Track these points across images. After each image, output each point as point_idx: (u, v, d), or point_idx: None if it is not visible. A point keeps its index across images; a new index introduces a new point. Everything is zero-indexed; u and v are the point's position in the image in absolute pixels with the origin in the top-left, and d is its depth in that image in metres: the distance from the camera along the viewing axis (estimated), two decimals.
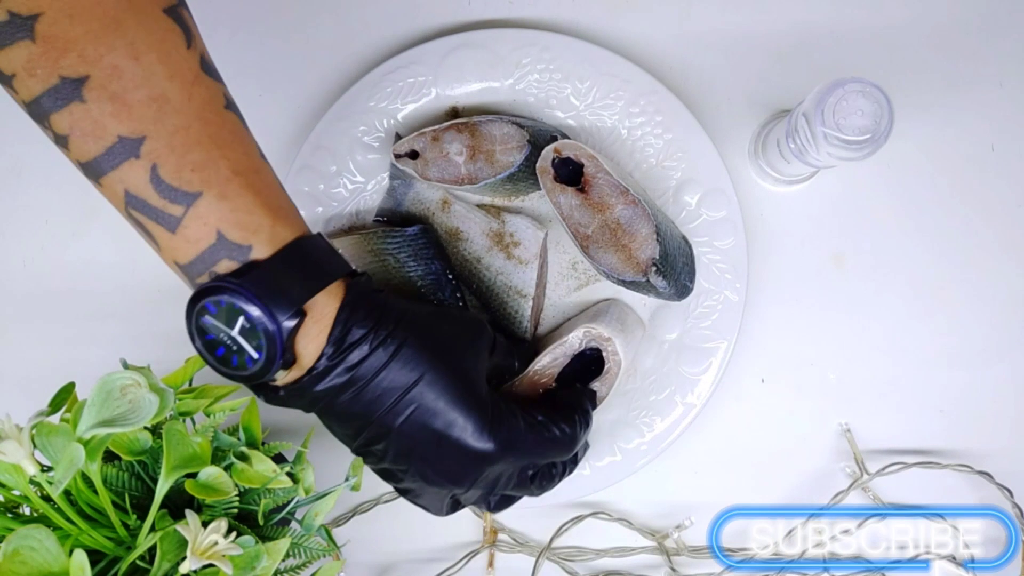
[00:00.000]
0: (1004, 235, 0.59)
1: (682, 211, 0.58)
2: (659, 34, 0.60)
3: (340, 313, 0.40)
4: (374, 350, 0.40)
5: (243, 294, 0.37)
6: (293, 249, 0.39)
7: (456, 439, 0.42)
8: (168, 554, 0.37)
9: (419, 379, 0.41)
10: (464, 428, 0.42)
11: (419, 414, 0.41)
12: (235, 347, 0.38)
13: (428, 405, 0.41)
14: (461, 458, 0.43)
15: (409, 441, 0.42)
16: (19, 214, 0.62)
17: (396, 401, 0.41)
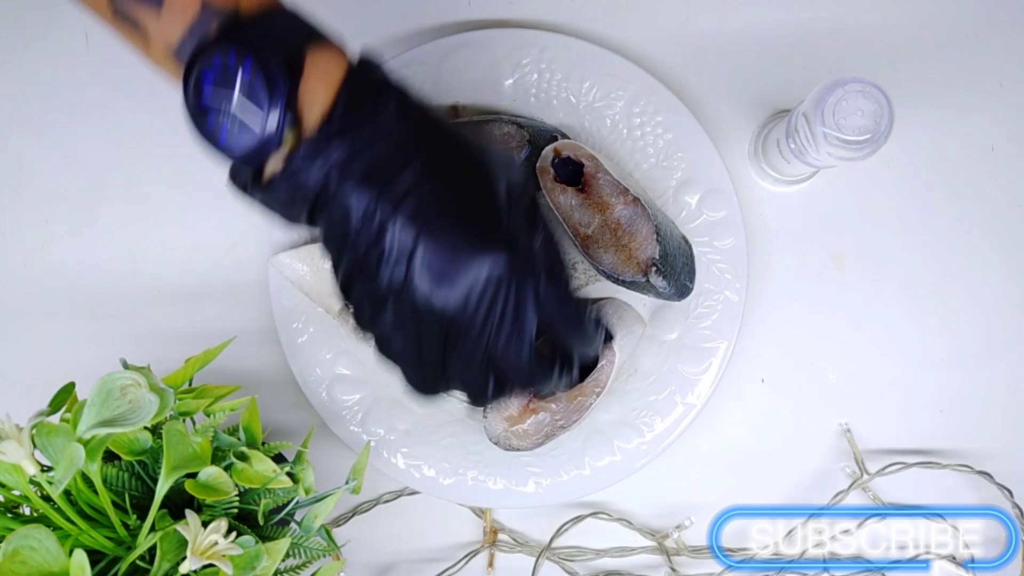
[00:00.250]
0: (1004, 235, 0.59)
1: (682, 211, 0.58)
2: (659, 34, 0.60)
3: (349, 76, 0.36)
4: (377, 116, 0.36)
5: (234, 47, 0.34)
6: (279, 7, 0.36)
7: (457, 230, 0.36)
8: (168, 554, 0.37)
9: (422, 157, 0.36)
10: (469, 225, 0.36)
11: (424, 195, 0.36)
12: (236, 116, 0.35)
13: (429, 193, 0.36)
14: (455, 250, 0.36)
15: (406, 232, 0.36)
16: (19, 214, 0.62)
17: (391, 183, 0.35)
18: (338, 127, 0.35)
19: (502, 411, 0.55)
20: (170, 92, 0.63)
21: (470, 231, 0.37)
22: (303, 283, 0.57)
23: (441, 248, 0.36)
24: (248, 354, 0.60)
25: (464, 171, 0.38)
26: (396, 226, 0.36)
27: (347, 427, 0.58)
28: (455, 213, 0.37)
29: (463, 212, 0.37)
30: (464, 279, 0.37)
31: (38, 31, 0.62)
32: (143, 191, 0.61)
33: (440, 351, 0.39)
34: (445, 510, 0.60)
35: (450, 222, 0.36)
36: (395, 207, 0.36)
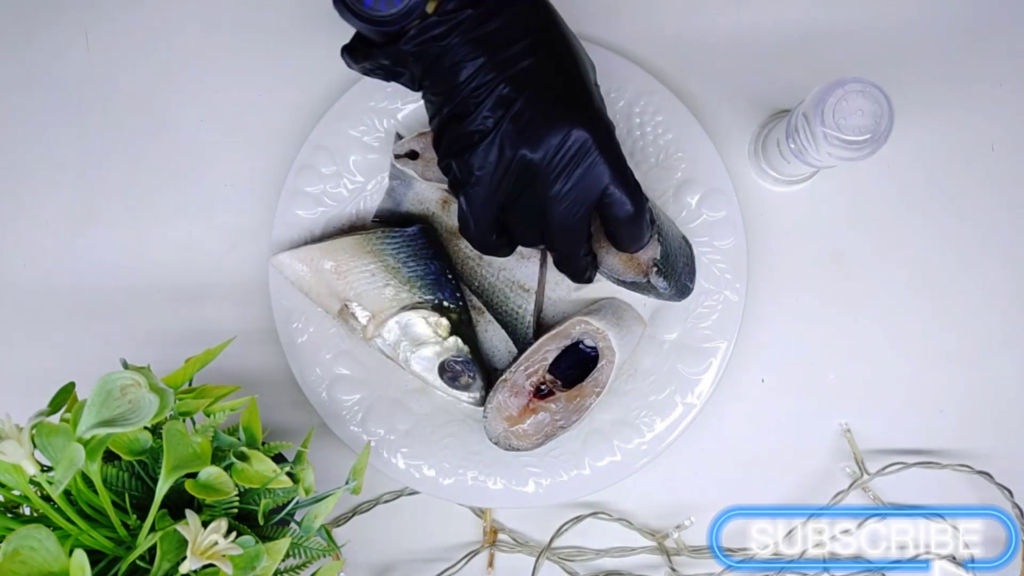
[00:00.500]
0: (1004, 235, 0.59)
1: (682, 211, 0.58)
2: (659, 34, 0.60)
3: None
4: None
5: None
6: None
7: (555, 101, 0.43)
8: (168, 554, 0.37)
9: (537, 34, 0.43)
10: (564, 96, 0.43)
11: (528, 67, 0.43)
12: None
13: (537, 64, 0.43)
14: (549, 113, 0.43)
15: (511, 90, 0.43)
16: (19, 214, 0.62)
17: (508, 46, 0.43)
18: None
19: (502, 411, 0.55)
20: (170, 92, 0.64)
21: (565, 100, 0.43)
22: (303, 283, 0.57)
23: (536, 108, 0.43)
24: (248, 354, 0.60)
25: (566, 54, 0.44)
26: (500, 86, 0.43)
27: (347, 427, 0.58)
28: (553, 85, 0.43)
29: (561, 85, 0.44)
30: (551, 138, 0.43)
31: (38, 31, 0.62)
32: (143, 191, 0.61)
33: (506, 195, 0.45)
34: (445, 510, 0.60)
35: (548, 91, 0.43)
36: (502, 71, 0.43)
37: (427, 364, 0.56)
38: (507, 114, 0.43)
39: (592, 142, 0.43)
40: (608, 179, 0.44)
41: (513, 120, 0.43)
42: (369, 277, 0.56)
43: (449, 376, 0.56)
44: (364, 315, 0.56)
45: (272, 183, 0.60)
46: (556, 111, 0.43)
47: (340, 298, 0.56)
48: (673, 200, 0.58)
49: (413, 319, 0.56)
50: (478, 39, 0.42)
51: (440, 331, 0.56)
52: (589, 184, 0.44)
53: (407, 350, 0.56)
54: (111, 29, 0.62)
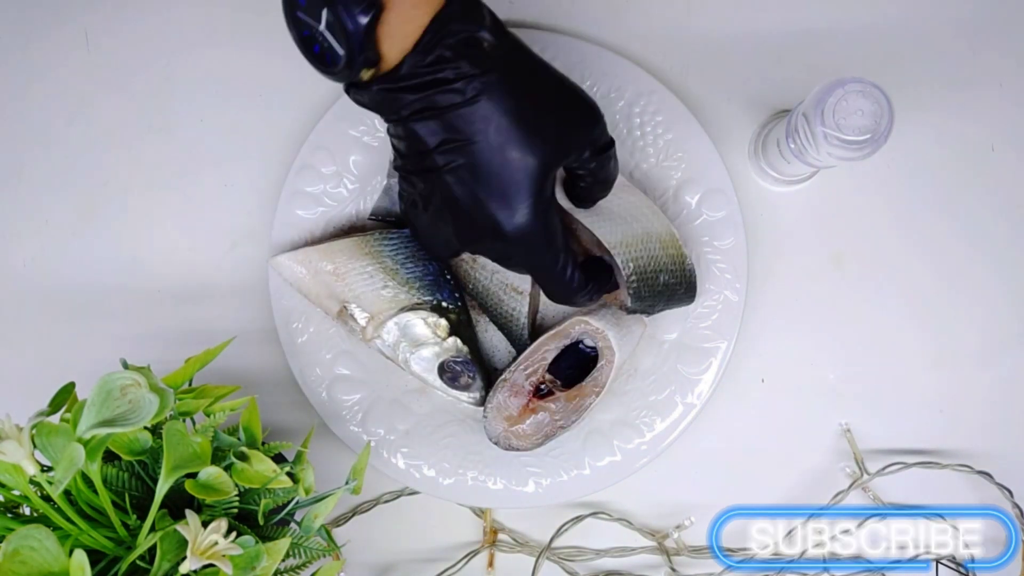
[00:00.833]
0: (1004, 235, 0.59)
1: (682, 211, 0.58)
2: (659, 34, 0.60)
3: (432, 23, 0.39)
4: (455, 83, 0.40)
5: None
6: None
7: (489, 214, 0.44)
8: (168, 554, 0.37)
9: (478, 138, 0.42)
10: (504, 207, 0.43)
11: (464, 172, 0.42)
12: (325, 44, 0.38)
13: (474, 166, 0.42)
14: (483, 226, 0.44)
15: (446, 190, 0.44)
16: (19, 214, 0.62)
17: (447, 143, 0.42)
18: (407, 82, 0.40)
19: (502, 411, 0.55)
20: (170, 92, 0.64)
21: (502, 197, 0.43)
22: (301, 285, 0.57)
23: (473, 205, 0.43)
24: (248, 354, 0.60)
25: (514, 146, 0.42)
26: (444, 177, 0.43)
27: (347, 427, 0.58)
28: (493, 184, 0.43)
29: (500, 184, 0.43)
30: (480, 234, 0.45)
31: (38, 31, 0.62)
32: (143, 191, 0.61)
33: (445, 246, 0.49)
34: (445, 510, 0.60)
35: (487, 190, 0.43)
36: (446, 165, 0.42)
37: (426, 365, 0.56)
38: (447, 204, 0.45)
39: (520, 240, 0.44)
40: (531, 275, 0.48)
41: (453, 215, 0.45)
42: (367, 279, 0.56)
43: (449, 376, 0.56)
44: (363, 316, 0.56)
45: (272, 183, 0.60)
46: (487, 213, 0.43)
47: (339, 300, 0.56)
48: (673, 200, 0.58)
49: (412, 320, 0.56)
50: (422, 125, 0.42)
51: (439, 332, 0.56)
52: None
53: (406, 351, 0.56)
54: (111, 29, 0.62)
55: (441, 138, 0.42)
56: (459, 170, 0.43)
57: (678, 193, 0.58)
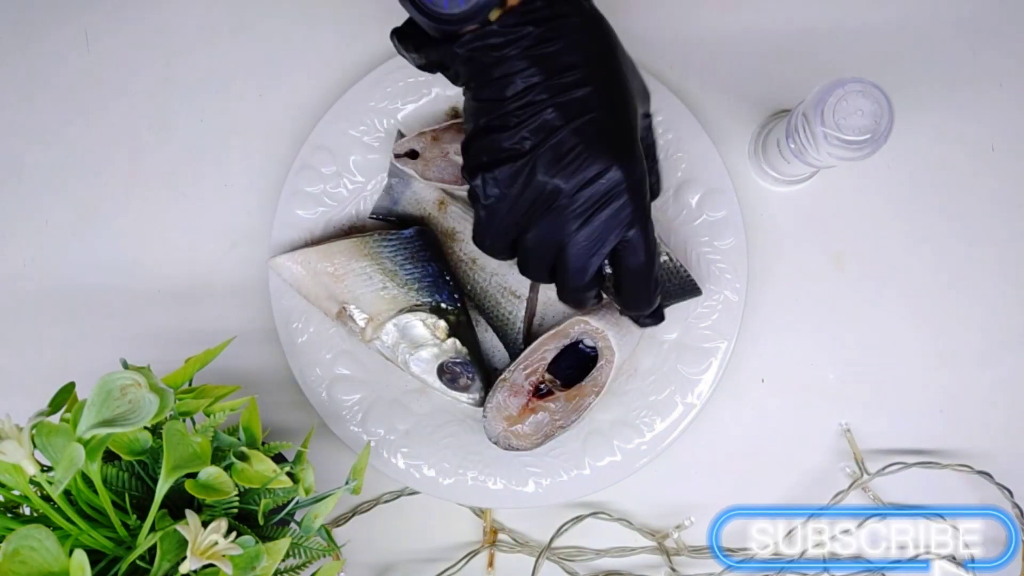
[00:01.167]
0: (1004, 235, 0.59)
1: (682, 211, 0.58)
2: (659, 34, 0.60)
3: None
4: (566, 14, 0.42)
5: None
6: None
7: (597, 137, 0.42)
8: (168, 554, 0.37)
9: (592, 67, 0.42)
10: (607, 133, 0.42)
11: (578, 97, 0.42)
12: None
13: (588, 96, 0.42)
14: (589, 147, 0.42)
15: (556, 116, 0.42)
16: (19, 214, 0.62)
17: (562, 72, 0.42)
18: (535, 13, 0.41)
19: (501, 411, 0.55)
20: (170, 92, 0.64)
21: (608, 138, 0.42)
22: (301, 286, 0.57)
23: (578, 140, 0.42)
24: (248, 354, 0.60)
25: (618, 90, 0.44)
26: (547, 111, 0.42)
27: (347, 427, 0.58)
28: (599, 121, 0.42)
29: (607, 122, 0.42)
30: (585, 172, 0.42)
31: (38, 31, 0.62)
32: (143, 191, 0.61)
33: (526, 218, 0.44)
34: (445, 510, 0.60)
35: (592, 125, 0.42)
36: (552, 96, 0.42)
37: (426, 366, 0.56)
38: (547, 140, 0.42)
39: (625, 185, 0.43)
40: (630, 224, 0.44)
41: (553, 148, 0.42)
42: (367, 280, 0.56)
43: (448, 378, 0.56)
44: (362, 318, 0.56)
45: (272, 183, 0.60)
46: (598, 147, 0.42)
47: (338, 301, 0.56)
48: (673, 200, 0.58)
49: (411, 321, 0.56)
50: (534, 58, 0.42)
51: (438, 333, 0.56)
52: (612, 226, 0.44)
53: (406, 352, 0.56)
54: (111, 29, 0.62)
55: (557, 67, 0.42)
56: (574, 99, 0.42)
57: (678, 193, 0.58)
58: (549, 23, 0.41)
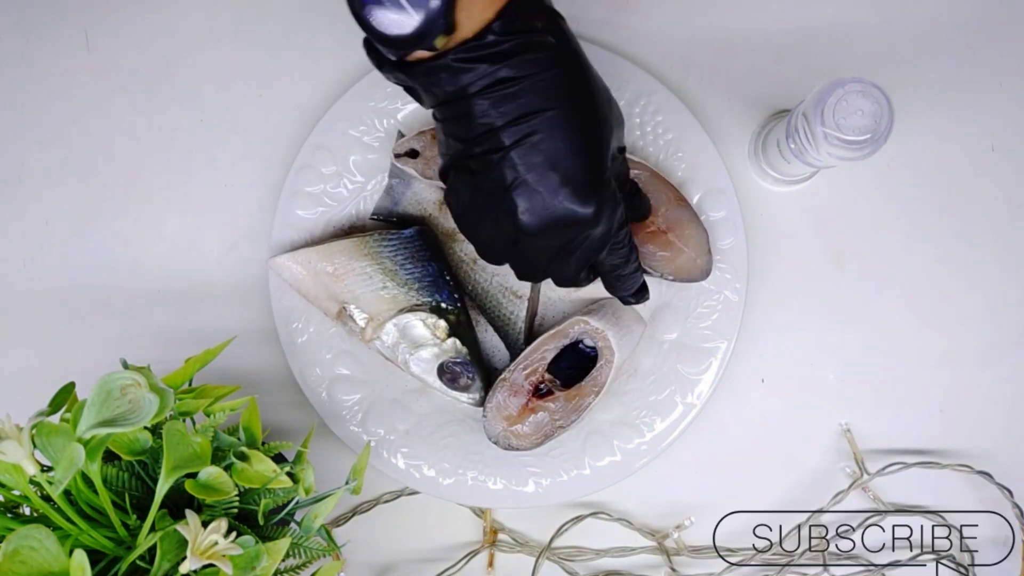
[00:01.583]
0: (1004, 235, 0.59)
1: None
2: (659, 34, 0.60)
3: None
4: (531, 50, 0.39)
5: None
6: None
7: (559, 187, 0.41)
8: (168, 554, 0.37)
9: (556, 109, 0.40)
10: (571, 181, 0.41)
11: (537, 142, 0.40)
12: (393, 8, 0.36)
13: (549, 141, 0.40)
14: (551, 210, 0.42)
15: (512, 168, 0.41)
16: (19, 214, 0.62)
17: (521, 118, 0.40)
18: (490, 49, 0.38)
19: (501, 411, 0.55)
20: (170, 92, 0.64)
21: (572, 182, 0.41)
22: (301, 286, 0.57)
23: (540, 189, 0.41)
24: (248, 354, 0.60)
25: (584, 127, 0.42)
26: (507, 160, 0.41)
27: (347, 427, 0.58)
28: (561, 167, 0.41)
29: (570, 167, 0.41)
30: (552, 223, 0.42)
31: (38, 31, 0.62)
32: (143, 191, 0.61)
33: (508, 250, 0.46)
34: (445, 510, 0.60)
35: (556, 171, 0.41)
36: (513, 143, 0.40)
37: (426, 366, 0.56)
38: (511, 190, 0.42)
39: (592, 224, 0.43)
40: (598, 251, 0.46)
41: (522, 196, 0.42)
42: (367, 279, 0.56)
43: (448, 378, 0.56)
44: (362, 317, 0.56)
45: (272, 183, 0.60)
46: (559, 196, 0.41)
47: (338, 300, 0.56)
48: None
49: (411, 321, 0.56)
50: (494, 100, 0.40)
51: (438, 333, 0.56)
52: (585, 257, 0.46)
53: (406, 352, 0.56)
54: (111, 29, 0.62)
55: (516, 112, 0.40)
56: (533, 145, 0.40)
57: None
58: (509, 59, 0.39)
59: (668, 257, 0.55)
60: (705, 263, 0.55)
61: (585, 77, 0.42)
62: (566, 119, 0.41)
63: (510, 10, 0.38)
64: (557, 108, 0.40)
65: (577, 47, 0.42)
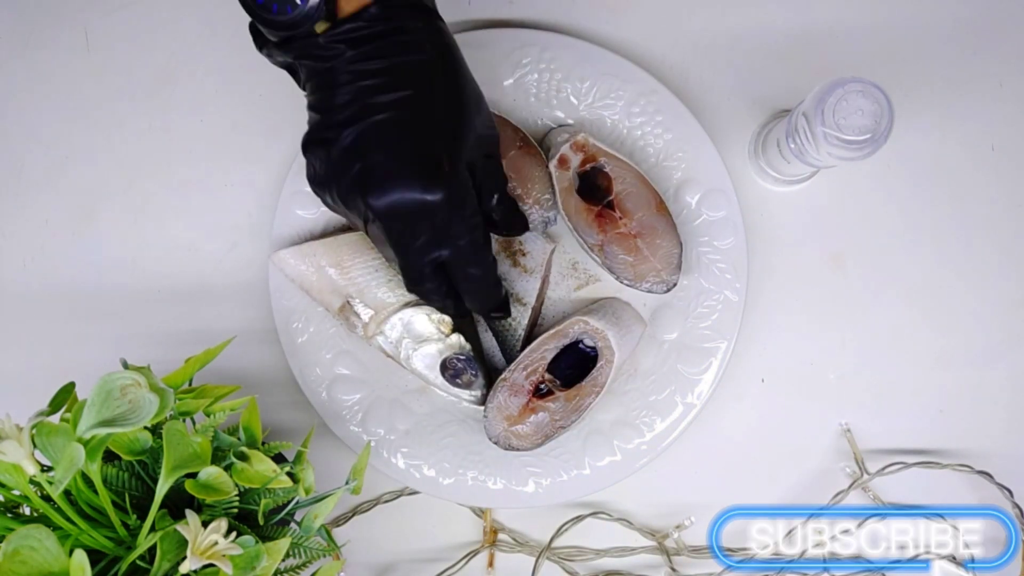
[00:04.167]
0: (1004, 235, 0.59)
1: (682, 211, 0.58)
2: (659, 34, 0.60)
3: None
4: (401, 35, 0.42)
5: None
6: None
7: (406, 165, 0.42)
8: (168, 554, 0.37)
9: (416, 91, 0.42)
10: (418, 161, 0.42)
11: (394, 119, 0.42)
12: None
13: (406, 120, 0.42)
14: (396, 187, 0.42)
15: (367, 138, 0.42)
16: (19, 214, 0.62)
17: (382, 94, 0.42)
18: (362, 30, 0.41)
19: (502, 411, 0.55)
20: (170, 92, 0.64)
21: (420, 162, 0.42)
22: (303, 280, 0.57)
23: (388, 164, 0.42)
24: (248, 354, 0.60)
25: (439, 112, 0.43)
26: (361, 128, 0.42)
27: (347, 427, 0.58)
28: (407, 146, 0.42)
29: (412, 148, 0.42)
30: (389, 196, 0.42)
31: (38, 31, 0.62)
32: (143, 191, 0.61)
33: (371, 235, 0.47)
34: (445, 510, 0.60)
35: (405, 148, 0.42)
36: (368, 115, 0.42)
37: (430, 361, 0.56)
38: (362, 159, 0.43)
39: (436, 208, 0.43)
40: (439, 244, 0.45)
41: (365, 171, 0.43)
42: (372, 273, 0.56)
43: (451, 374, 0.56)
44: (366, 312, 0.56)
45: (272, 183, 0.60)
46: (404, 173, 0.42)
47: (342, 295, 0.56)
48: (673, 200, 0.58)
49: (416, 316, 0.56)
50: (356, 74, 0.42)
51: (443, 328, 0.56)
52: (429, 249, 0.46)
53: (409, 347, 0.56)
54: (111, 29, 0.62)
55: (378, 88, 0.42)
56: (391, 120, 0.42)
57: (678, 193, 0.58)
58: (376, 41, 0.42)
59: (630, 262, 0.55)
60: (668, 276, 0.55)
61: (452, 71, 0.44)
62: (424, 101, 0.43)
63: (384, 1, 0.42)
64: (417, 90, 0.42)
65: (451, 42, 0.45)
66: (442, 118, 0.43)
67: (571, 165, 0.55)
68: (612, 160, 0.55)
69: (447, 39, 0.44)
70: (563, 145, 0.55)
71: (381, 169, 0.42)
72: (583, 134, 0.55)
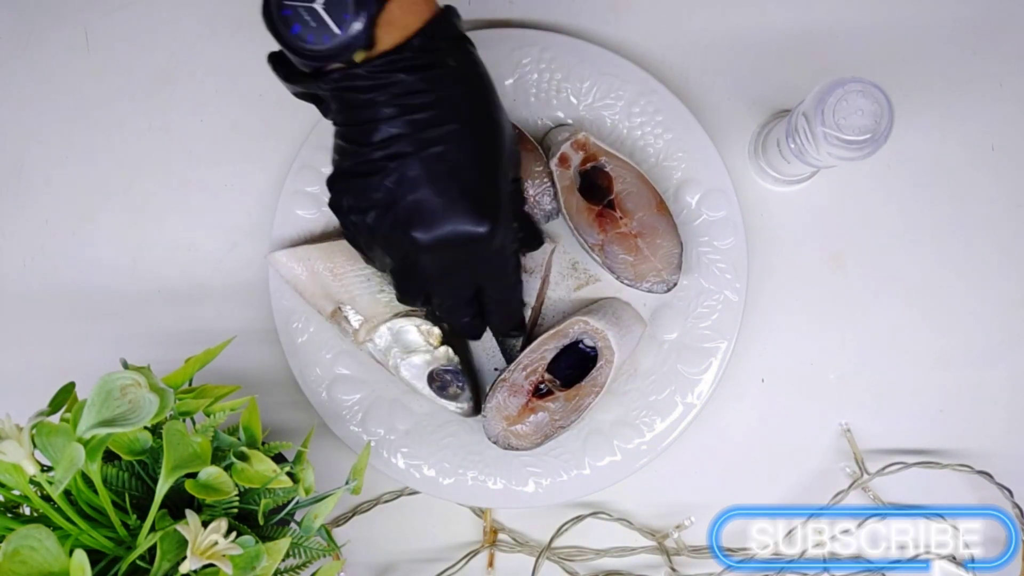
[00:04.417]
0: (1004, 235, 0.59)
1: (682, 211, 0.58)
2: (659, 34, 0.60)
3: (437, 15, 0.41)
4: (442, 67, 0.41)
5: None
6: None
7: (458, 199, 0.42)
8: (168, 554, 0.37)
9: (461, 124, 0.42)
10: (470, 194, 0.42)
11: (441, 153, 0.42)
12: (313, 22, 0.38)
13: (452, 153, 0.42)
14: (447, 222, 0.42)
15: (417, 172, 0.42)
16: (19, 214, 0.62)
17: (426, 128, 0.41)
18: (407, 61, 0.40)
19: (501, 411, 0.55)
20: (170, 92, 0.64)
21: (471, 194, 0.43)
22: (298, 283, 0.57)
23: (438, 200, 0.42)
24: (248, 354, 0.60)
25: (486, 148, 0.43)
26: (410, 165, 0.42)
27: (347, 427, 0.58)
28: (462, 180, 0.42)
29: (470, 181, 0.43)
30: (439, 230, 0.43)
31: (38, 31, 0.62)
32: (143, 191, 0.61)
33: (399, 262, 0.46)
34: (445, 510, 0.60)
35: (453, 185, 0.42)
36: (417, 150, 0.41)
37: (416, 372, 0.56)
38: (408, 195, 0.42)
39: (484, 240, 0.43)
40: (487, 278, 0.47)
41: (414, 205, 0.42)
42: (364, 281, 0.56)
43: (438, 385, 0.56)
44: (357, 319, 0.56)
45: (272, 183, 0.60)
46: (459, 207, 0.42)
47: (334, 300, 0.56)
48: (673, 200, 0.58)
49: (405, 326, 0.56)
50: (403, 107, 0.41)
51: (432, 340, 0.56)
52: (473, 279, 0.47)
53: (397, 356, 0.56)
54: (111, 29, 0.62)
55: (422, 121, 0.41)
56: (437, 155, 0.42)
57: (678, 193, 0.58)
58: (422, 72, 0.41)
59: (630, 262, 0.55)
60: (668, 276, 0.55)
61: (489, 102, 0.44)
62: (470, 134, 0.42)
63: (426, 31, 0.41)
64: (462, 123, 0.42)
65: (485, 70, 0.44)
66: (487, 151, 0.43)
67: (572, 164, 0.55)
68: (612, 159, 0.55)
69: (482, 68, 0.44)
70: (564, 144, 0.55)
71: (431, 203, 0.42)
72: (584, 133, 0.55)
